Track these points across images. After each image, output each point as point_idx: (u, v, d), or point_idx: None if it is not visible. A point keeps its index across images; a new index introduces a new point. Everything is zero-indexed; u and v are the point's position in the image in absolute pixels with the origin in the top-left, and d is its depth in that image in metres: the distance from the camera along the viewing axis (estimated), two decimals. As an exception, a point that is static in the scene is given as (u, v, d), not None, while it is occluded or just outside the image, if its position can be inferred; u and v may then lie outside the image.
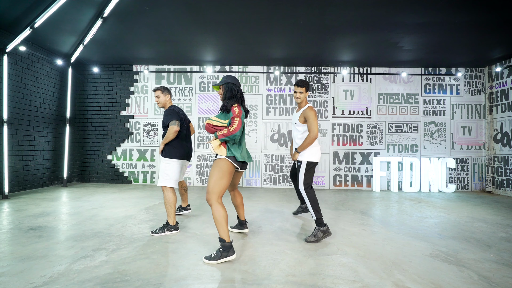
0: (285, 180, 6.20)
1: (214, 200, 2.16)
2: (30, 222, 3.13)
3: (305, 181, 2.74)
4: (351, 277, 1.92)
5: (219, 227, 2.13)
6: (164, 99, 3.03)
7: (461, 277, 1.94)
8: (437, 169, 5.88)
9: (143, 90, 6.39)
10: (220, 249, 2.14)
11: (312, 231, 2.71)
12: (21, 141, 5.01)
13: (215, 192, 2.17)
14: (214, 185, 2.18)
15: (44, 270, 1.95)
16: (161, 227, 2.79)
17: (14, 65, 4.82)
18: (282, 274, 1.95)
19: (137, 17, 4.22)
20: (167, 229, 2.79)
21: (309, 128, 2.77)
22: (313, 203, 2.71)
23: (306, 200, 2.73)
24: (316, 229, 2.67)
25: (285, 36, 4.84)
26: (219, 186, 2.18)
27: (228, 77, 2.39)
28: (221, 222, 2.13)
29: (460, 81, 6.20)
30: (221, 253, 2.12)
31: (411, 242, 2.68)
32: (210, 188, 2.18)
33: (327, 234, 2.69)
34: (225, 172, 2.22)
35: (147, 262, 2.11)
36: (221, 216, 2.13)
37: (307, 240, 2.61)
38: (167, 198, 2.84)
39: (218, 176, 2.20)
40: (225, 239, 2.13)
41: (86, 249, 2.36)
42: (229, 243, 2.14)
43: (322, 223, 2.69)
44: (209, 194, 2.18)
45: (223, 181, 2.20)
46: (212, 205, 2.16)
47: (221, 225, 2.13)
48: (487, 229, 3.16)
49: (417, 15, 4.03)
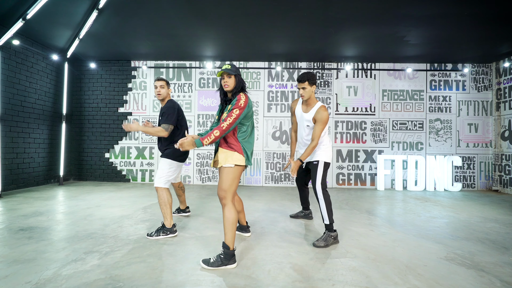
0: (287, 179, 6.05)
1: (229, 200, 2.00)
2: (21, 222, 2.98)
3: (322, 182, 2.56)
4: (363, 283, 1.77)
5: (227, 230, 1.97)
6: (166, 92, 2.87)
7: (482, 283, 1.79)
8: (443, 167, 5.73)
9: (141, 86, 6.23)
10: (221, 255, 1.96)
11: (322, 236, 2.52)
12: (15, 138, 4.85)
13: (231, 191, 2.01)
14: (231, 183, 2.01)
15: (30, 275, 1.80)
16: (157, 230, 2.61)
17: (7, 60, 4.65)
18: (289, 280, 1.80)
19: (134, 8, 4.06)
20: (163, 232, 2.59)
21: (314, 134, 2.54)
22: (328, 206, 2.51)
23: (322, 202, 2.52)
24: (326, 234, 2.49)
25: (288, 30, 4.68)
26: (235, 186, 2.03)
27: (233, 66, 2.11)
28: (233, 225, 1.97)
29: (467, 77, 6.03)
30: (221, 260, 1.95)
31: (423, 243, 2.53)
32: (226, 186, 2.00)
33: (336, 241, 2.52)
34: (239, 173, 2.06)
35: (142, 266, 1.96)
36: (234, 218, 1.98)
37: (316, 245, 2.42)
38: (162, 198, 2.63)
39: (234, 175, 2.02)
40: (229, 246, 1.96)
41: (78, 251, 2.21)
42: (232, 251, 1.98)
43: (333, 228, 2.51)
44: (225, 192, 2.00)
45: (237, 181, 2.05)
46: (227, 204, 1.99)
47: (231, 229, 1.97)
48: (500, 229, 3.02)
49: (425, 6, 3.86)
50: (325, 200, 2.52)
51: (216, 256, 1.98)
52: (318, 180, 2.56)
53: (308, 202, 3.32)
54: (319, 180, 2.56)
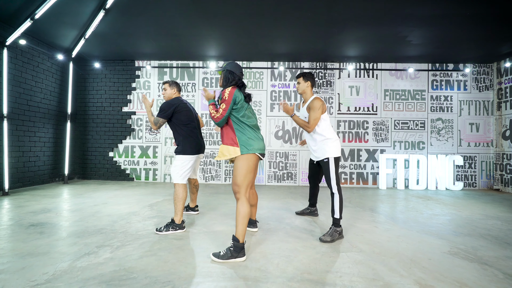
0: (290, 178, 6.10)
1: (242, 194, 2.06)
2: (31, 218, 3.04)
3: (336, 178, 2.64)
4: (369, 275, 1.82)
5: (239, 223, 2.02)
6: (170, 92, 2.93)
7: (486, 275, 1.85)
8: (444, 167, 5.78)
9: (145, 86, 6.29)
10: (230, 248, 2.02)
11: (328, 231, 2.57)
12: (21, 137, 4.91)
13: (244, 185, 2.07)
14: (244, 178, 2.07)
15: (46, 267, 1.86)
16: (166, 225, 2.67)
17: (14, 59, 4.71)
18: (297, 272, 1.85)
19: (139, 9, 4.12)
20: (172, 228, 2.65)
21: (310, 118, 2.72)
22: (341, 202, 2.61)
23: (337, 197, 2.60)
24: (333, 229, 2.55)
25: (291, 30, 4.73)
26: (248, 180, 2.09)
27: (229, 64, 2.25)
28: (245, 218, 2.03)
29: (468, 77, 6.09)
30: (231, 252, 2.00)
31: (426, 239, 2.58)
32: (239, 181, 2.06)
33: (341, 236, 2.57)
34: (252, 166, 2.11)
35: (154, 259, 2.01)
36: (246, 212, 2.04)
37: (323, 239, 2.47)
38: (177, 193, 2.69)
39: (247, 169, 2.08)
40: (239, 239, 2.02)
41: (89, 245, 2.26)
42: (242, 244, 2.03)
43: (339, 223, 2.58)
44: (238, 187, 2.06)
45: (251, 174, 2.11)
46: (240, 199, 2.06)
47: (243, 222, 2.02)
48: (502, 226, 3.07)
49: (426, 6, 3.91)
50: (340, 197, 2.61)
51: (226, 249, 2.04)
52: (332, 177, 2.64)
53: (316, 199, 3.40)
54: (333, 176, 2.64)
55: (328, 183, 2.66)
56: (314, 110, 2.70)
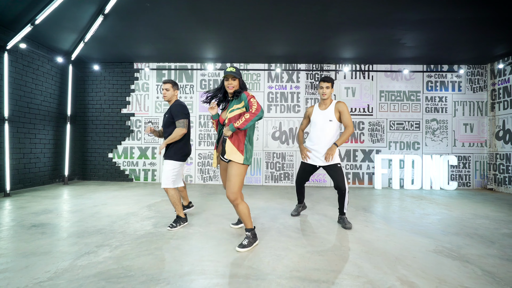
0: (286, 178, 6.19)
1: (240, 200, 2.37)
2: (33, 219, 3.13)
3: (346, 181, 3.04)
4: (355, 272, 1.92)
5: (245, 220, 2.38)
6: (172, 93, 3.01)
7: (465, 272, 1.94)
8: (439, 167, 5.87)
9: (144, 88, 6.38)
10: (250, 236, 2.38)
11: (344, 220, 3.02)
12: (22, 139, 5.01)
13: (240, 191, 2.37)
14: (239, 187, 2.35)
15: (48, 266, 1.95)
16: (176, 221, 2.90)
17: (14, 63, 4.80)
18: (286, 270, 1.94)
19: (138, 14, 4.20)
20: (180, 222, 2.92)
21: (347, 122, 2.92)
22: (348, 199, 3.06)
23: (347, 197, 3.00)
24: (344, 217, 3.05)
25: (287, 33, 4.82)
26: (242, 186, 2.39)
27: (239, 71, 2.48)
28: (248, 215, 2.39)
29: (462, 78, 6.18)
30: (251, 239, 2.37)
31: (414, 238, 2.68)
32: (235, 189, 2.33)
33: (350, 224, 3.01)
34: (243, 174, 2.39)
35: (151, 258, 2.11)
36: (247, 210, 2.40)
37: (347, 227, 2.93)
38: (172, 196, 2.91)
39: (240, 178, 2.35)
40: (251, 228, 2.40)
41: (89, 245, 2.36)
42: (254, 229, 2.43)
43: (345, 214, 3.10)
44: (234, 195, 2.33)
45: (243, 180, 2.42)
46: (239, 204, 2.36)
47: (248, 218, 2.39)
48: (490, 225, 3.16)
49: (419, 11, 4.00)
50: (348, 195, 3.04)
51: (245, 240, 2.36)
52: (345, 179, 2.98)
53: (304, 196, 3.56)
54: (345, 179, 2.99)
55: (340, 185, 2.95)
56: (347, 112, 2.95)
